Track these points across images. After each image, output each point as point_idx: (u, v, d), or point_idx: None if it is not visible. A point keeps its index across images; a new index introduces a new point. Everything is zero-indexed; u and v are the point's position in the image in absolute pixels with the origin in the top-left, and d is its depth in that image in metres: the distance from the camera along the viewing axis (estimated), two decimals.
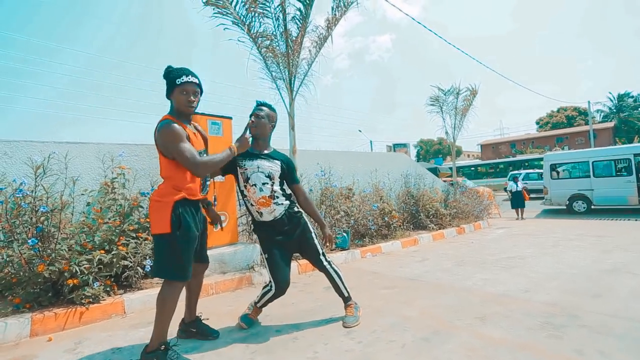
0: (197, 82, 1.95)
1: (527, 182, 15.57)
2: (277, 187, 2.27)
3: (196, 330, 2.23)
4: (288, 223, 2.31)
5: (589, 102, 26.81)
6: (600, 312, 2.40)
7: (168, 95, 1.96)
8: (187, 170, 1.85)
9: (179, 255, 1.83)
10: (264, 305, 2.43)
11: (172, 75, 1.92)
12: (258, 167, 2.24)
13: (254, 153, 2.29)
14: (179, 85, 1.90)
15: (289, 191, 2.39)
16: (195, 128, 2.06)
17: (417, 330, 2.23)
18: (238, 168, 2.27)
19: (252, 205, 2.27)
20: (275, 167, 2.27)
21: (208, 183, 2.13)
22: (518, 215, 9.35)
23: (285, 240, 2.31)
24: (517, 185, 9.53)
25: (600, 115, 42.75)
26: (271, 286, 2.30)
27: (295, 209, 2.37)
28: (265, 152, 2.32)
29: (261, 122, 2.27)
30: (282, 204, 2.27)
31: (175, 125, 1.84)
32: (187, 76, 1.91)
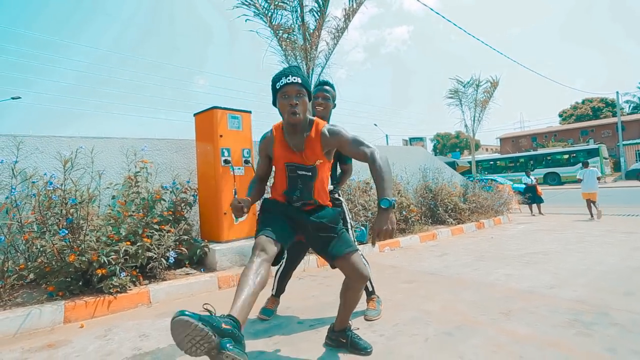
0: (300, 81, 1.58)
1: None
2: None
3: (345, 340, 1.93)
4: None
5: (617, 92, 25.58)
6: (632, 310, 2.31)
7: (276, 105, 1.67)
8: None
9: None
10: (281, 288, 2.48)
11: (272, 80, 1.64)
12: None
13: None
14: (279, 90, 1.60)
15: (336, 176, 2.42)
16: (320, 135, 1.67)
17: (439, 325, 2.20)
18: None
19: None
20: None
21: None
22: (532, 211, 9.03)
23: None
24: (530, 180, 9.24)
25: (629, 106, 40.84)
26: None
27: (336, 196, 2.37)
28: None
29: (328, 103, 2.30)
30: None
31: (262, 140, 1.80)
32: (286, 77, 1.57)
